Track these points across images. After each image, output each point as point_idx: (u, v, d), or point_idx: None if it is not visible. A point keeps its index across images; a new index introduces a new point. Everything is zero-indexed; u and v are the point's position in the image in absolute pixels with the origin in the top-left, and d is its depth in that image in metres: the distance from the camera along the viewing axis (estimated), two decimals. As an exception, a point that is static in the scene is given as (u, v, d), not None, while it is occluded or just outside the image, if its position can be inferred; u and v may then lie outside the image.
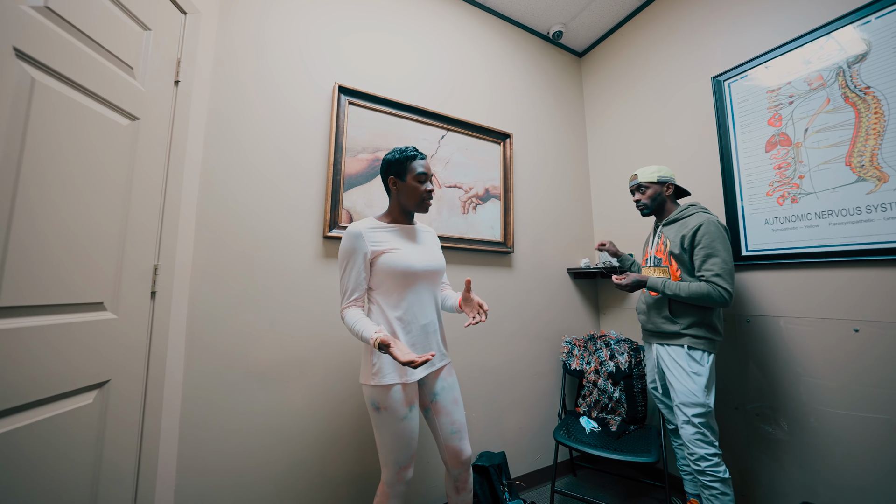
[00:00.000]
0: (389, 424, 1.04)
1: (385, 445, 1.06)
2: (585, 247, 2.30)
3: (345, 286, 1.08)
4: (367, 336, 0.97)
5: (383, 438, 1.06)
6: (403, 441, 1.05)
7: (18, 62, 0.73)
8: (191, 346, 1.21)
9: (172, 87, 1.14)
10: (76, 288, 0.84)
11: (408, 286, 1.10)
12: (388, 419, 1.04)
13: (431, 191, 1.14)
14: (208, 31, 1.32)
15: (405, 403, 1.05)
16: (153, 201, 1.06)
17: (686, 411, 1.29)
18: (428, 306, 1.15)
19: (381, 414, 1.04)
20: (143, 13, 1.03)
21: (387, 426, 1.04)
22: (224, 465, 1.22)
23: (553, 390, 2.01)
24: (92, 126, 0.88)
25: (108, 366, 0.92)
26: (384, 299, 1.10)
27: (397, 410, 1.04)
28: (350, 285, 1.07)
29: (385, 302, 1.10)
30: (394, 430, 1.04)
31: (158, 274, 1.07)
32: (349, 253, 1.07)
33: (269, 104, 1.44)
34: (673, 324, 1.37)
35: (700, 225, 1.31)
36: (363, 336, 0.98)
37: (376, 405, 1.04)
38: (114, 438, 0.93)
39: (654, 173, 1.47)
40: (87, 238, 0.87)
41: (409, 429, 1.06)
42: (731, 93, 1.66)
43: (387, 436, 1.05)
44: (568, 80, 2.45)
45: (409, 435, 1.06)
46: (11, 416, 0.72)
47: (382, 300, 1.10)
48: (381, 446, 1.07)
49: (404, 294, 1.10)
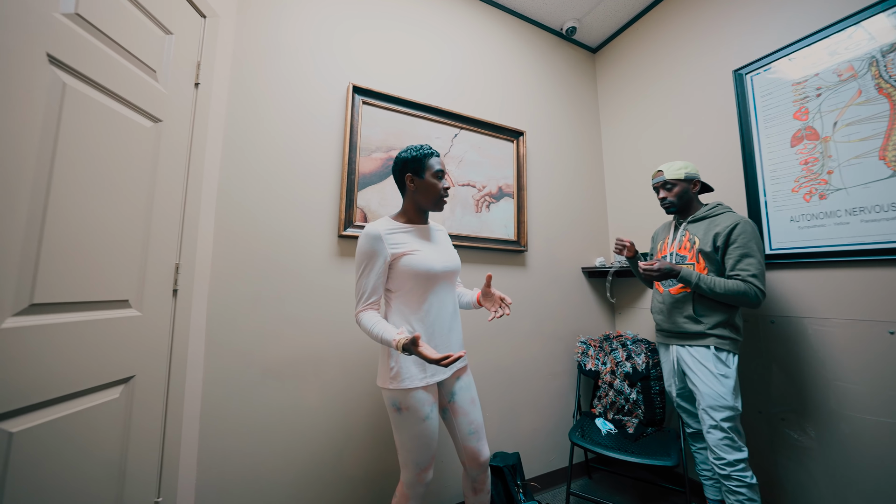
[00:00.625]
0: (410, 425, 1.03)
1: (405, 446, 1.05)
2: (600, 245, 2.27)
3: (362, 289, 1.05)
4: (389, 338, 0.96)
5: (403, 439, 1.05)
6: (424, 442, 1.04)
7: (51, 68, 0.76)
8: (210, 344, 1.23)
9: (193, 90, 1.16)
10: (103, 286, 0.87)
11: (429, 287, 1.09)
12: (409, 420, 1.03)
13: (448, 188, 1.14)
14: (226, 34, 1.34)
15: (427, 404, 1.04)
16: (175, 201, 1.09)
17: (714, 415, 1.25)
18: (448, 306, 1.14)
19: (403, 415, 1.03)
20: (165, 18, 1.05)
21: (407, 427, 1.03)
22: (243, 460, 1.24)
23: (568, 391, 1.98)
24: (118, 128, 0.90)
25: (134, 361, 0.95)
26: (404, 301, 1.09)
27: (419, 411, 1.03)
28: (367, 288, 1.05)
29: (405, 304, 1.09)
30: (414, 431, 1.03)
31: (180, 272, 1.10)
32: (368, 255, 1.05)
33: (284, 105, 1.46)
34: (697, 323, 1.33)
35: (736, 224, 1.28)
36: (384, 339, 0.97)
37: (397, 405, 1.03)
38: (139, 432, 0.95)
39: (680, 170, 1.42)
40: (113, 237, 0.89)
41: (429, 429, 1.05)
42: (753, 86, 1.61)
43: (407, 436, 1.04)
44: (582, 77, 2.41)
45: (429, 435, 1.05)
46: (43, 409, 0.74)
47: (402, 302, 1.09)
48: (401, 447, 1.06)
49: (425, 296, 1.09)
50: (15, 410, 0.69)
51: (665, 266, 1.30)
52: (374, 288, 1.05)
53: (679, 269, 1.31)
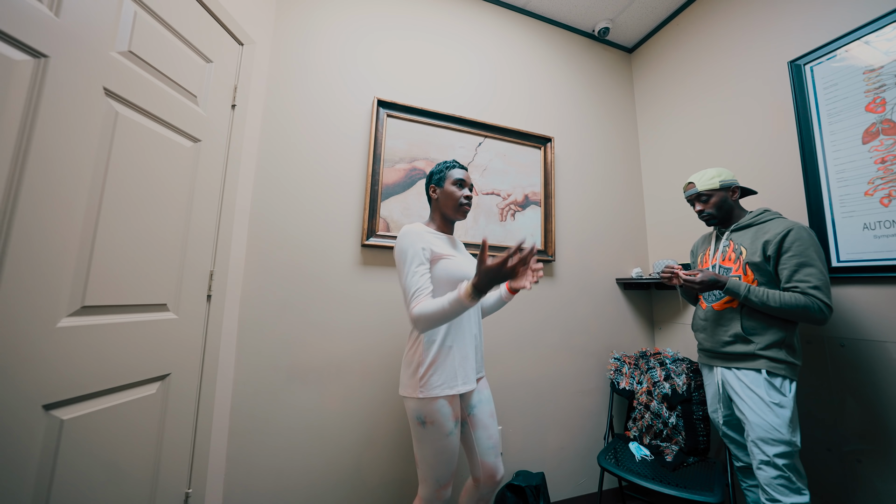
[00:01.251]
0: (434, 440, 1.00)
1: (426, 461, 1.02)
2: (638, 255, 2.12)
3: (413, 284, 0.97)
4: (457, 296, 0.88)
5: (424, 454, 1.02)
6: (446, 458, 1.02)
7: (107, 99, 0.86)
8: (241, 346, 1.32)
9: (230, 111, 1.27)
10: (145, 290, 0.96)
11: None
12: (432, 435, 1.00)
13: (469, 197, 1.16)
14: (262, 58, 1.45)
15: (451, 418, 1.02)
16: (211, 213, 1.19)
17: (766, 450, 1.10)
18: (475, 317, 1.15)
19: (427, 429, 1.00)
20: (206, 48, 1.17)
21: (431, 442, 1.00)
22: (267, 458, 1.30)
23: (599, 410, 1.86)
24: (161, 148, 1.01)
25: (170, 361, 1.03)
26: None
27: (443, 426, 1.00)
28: (418, 282, 0.97)
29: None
30: (437, 447, 1.00)
31: (214, 279, 1.19)
32: (413, 250, 1.01)
33: (312, 121, 1.54)
34: (745, 343, 1.19)
35: (788, 230, 1.14)
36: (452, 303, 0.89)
37: (422, 419, 1.00)
38: (173, 426, 1.04)
39: (713, 179, 1.30)
40: (155, 247, 0.99)
41: (452, 445, 1.02)
42: (814, 77, 1.43)
43: (429, 451, 1.01)
44: (616, 79, 2.30)
45: (452, 451, 1.02)
46: (90, 400, 0.83)
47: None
48: (422, 462, 1.03)
49: None
50: (66, 400, 0.77)
51: (709, 276, 1.18)
52: (424, 282, 0.98)
53: (724, 279, 1.19)
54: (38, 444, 0.73)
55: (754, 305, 1.15)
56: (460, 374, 1.05)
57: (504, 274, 0.86)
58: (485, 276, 0.87)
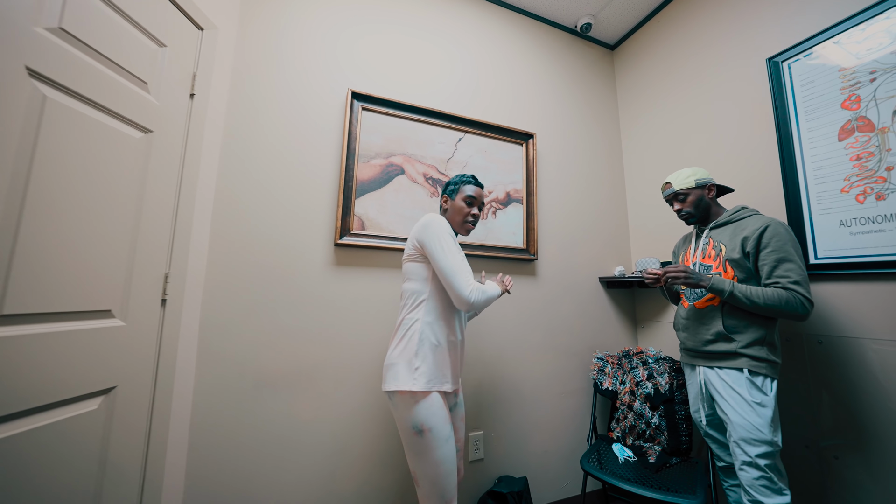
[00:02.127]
0: (434, 449, 0.92)
1: (427, 476, 0.93)
2: (621, 254, 2.11)
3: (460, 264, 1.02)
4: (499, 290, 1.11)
5: (426, 468, 0.93)
6: (448, 468, 0.94)
7: (31, 80, 0.77)
8: (202, 354, 1.22)
9: (188, 100, 1.17)
10: (83, 296, 0.86)
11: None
12: (431, 443, 0.92)
13: (476, 216, 1.17)
14: (226, 45, 1.36)
15: (448, 421, 0.97)
16: (165, 211, 1.09)
17: (748, 450, 1.08)
18: (464, 319, 1.17)
19: (425, 438, 0.93)
20: (159, 31, 1.07)
21: (431, 451, 0.92)
22: (234, 474, 1.21)
23: (583, 411, 1.83)
24: (103, 138, 0.91)
25: (115, 372, 0.94)
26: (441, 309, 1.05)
27: (442, 430, 0.94)
28: (464, 264, 1.04)
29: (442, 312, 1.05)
30: (438, 455, 0.93)
31: (169, 282, 1.09)
32: (448, 233, 1.06)
33: (283, 112, 1.45)
34: (727, 341, 1.17)
35: (766, 226, 1.13)
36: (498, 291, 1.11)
37: (419, 427, 0.93)
38: (119, 444, 0.94)
39: (689, 177, 1.29)
40: (96, 247, 0.89)
41: (452, 452, 0.96)
42: (791, 75, 1.43)
43: (430, 463, 0.93)
44: (598, 75, 2.28)
45: (452, 459, 0.96)
46: (15, 420, 0.73)
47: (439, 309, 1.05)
48: (423, 478, 0.94)
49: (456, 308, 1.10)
50: (-19, 423, 0.68)
51: (690, 272, 1.17)
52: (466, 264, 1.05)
53: (708, 276, 1.17)
54: (-57, 475, 0.63)
55: (739, 303, 1.13)
56: (450, 372, 1.03)
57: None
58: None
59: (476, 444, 1.57)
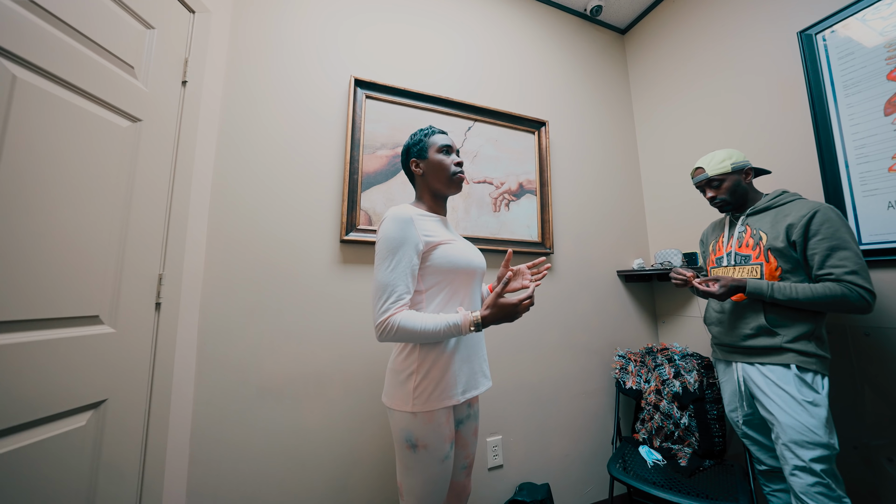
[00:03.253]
0: (426, 467, 0.84)
1: (413, 492, 0.86)
2: (638, 245, 2.01)
3: (390, 285, 0.81)
4: (458, 321, 0.81)
5: (413, 483, 0.86)
6: (438, 487, 0.86)
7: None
8: (202, 360, 1.14)
9: (180, 88, 1.09)
10: (66, 301, 0.78)
11: (468, 287, 0.93)
12: (424, 460, 0.84)
13: (461, 163, 0.98)
14: (221, 30, 1.27)
15: (448, 440, 0.86)
16: (157, 206, 1.00)
17: (801, 454, 0.99)
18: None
19: (418, 454, 0.84)
20: (145, 11, 0.98)
21: (422, 469, 0.84)
22: (237, 488, 1.13)
23: (605, 412, 1.74)
24: (84, 127, 0.82)
25: (105, 384, 0.85)
26: (436, 304, 0.88)
27: (438, 449, 0.84)
28: (399, 284, 0.81)
29: (437, 308, 0.89)
30: (429, 475, 0.85)
31: (163, 284, 1.00)
32: (399, 243, 0.83)
33: (284, 101, 1.36)
34: (770, 335, 1.08)
35: (814, 211, 1.03)
36: (449, 326, 0.80)
37: (413, 442, 0.84)
38: (111, 463, 0.85)
39: (724, 162, 1.19)
40: (79, 247, 0.81)
41: (446, 472, 0.87)
42: (827, 48, 1.33)
43: (418, 481, 0.85)
44: (610, 60, 2.19)
45: (444, 479, 0.87)
46: (-10, 442, 0.65)
47: (433, 305, 0.89)
48: (408, 492, 0.87)
49: (463, 297, 0.92)
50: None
51: (728, 284, 1.07)
52: (406, 284, 0.83)
53: (742, 281, 1.08)
54: None
55: (783, 304, 1.04)
56: (461, 379, 0.89)
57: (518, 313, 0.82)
58: (500, 313, 0.82)
59: (495, 450, 1.48)
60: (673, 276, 1.21)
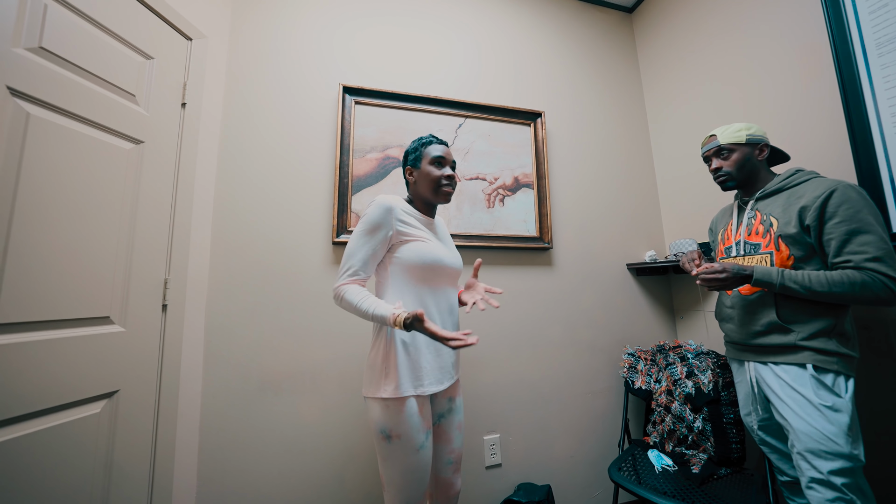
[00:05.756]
0: (402, 457, 0.87)
1: (393, 483, 0.89)
2: (651, 236, 1.89)
3: (351, 260, 0.91)
4: (384, 313, 0.84)
5: (392, 474, 0.89)
6: (417, 476, 0.89)
7: (13, 100, 0.80)
8: (209, 357, 1.25)
9: (179, 110, 1.20)
10: (80, 303, 0.90)
11: (435, 284, 0.97)
12: (400, 451, 0.87)
13: (451, 177, 1.01)
14: (219, 52, 1.38)
15: (422, 430, 0.89)
16: (161, 218, 1.12)
17: (818, 464, 0.88)
18: (448, 311, 1.01)
19: (393, 444, 0.87)
20: (144, 44, 1.10)
21: (398, 459, 0.87)
22: (243, 476, 1.23)
23: (613, 413, 1.66)
24: (91, 151, 0.94)
25: (117, 376, 0.97)
26: (400, 297, 0.93)
27: (412, 439, 0.87)
28: (358, 261, 0.91)
29: (409, 306, 0.93)
30: (406, 465, 0.88)
31: (169, 287, 1.12)
32: (372, 226, 0.92)
33: (279, 113, 1.45)
34: (783, 332, 0.97)
35: (831, 191, 0.91)
36: (376, 314, 0.84)
37: (387, 433, 0.87)
38: (125, 446, 0.97)
39: (740, 132, 1.07)
40: (91, 257, 0.92)
41: (423, 461, 0.89)
42: (854, 1, 1.17)
43: (397, 471, 0.88)
44: (615, 43, 2.07)
45: (423, 469, 0.89)
46: (18, 423, 0.77)
47: (390, 294, 0.94)
48: (389, 483, 0.90)
49: (427, 294, 0.96)
50: (-20, 426, 0.72)
51: (733, 267, 0.96)
52: (365, 262, 0.91)
53: (750, 268, 0.96)
54: (-55, 476, 0.67)
55: (795, 293, 0.93)
56: (430, 373, 0.92)
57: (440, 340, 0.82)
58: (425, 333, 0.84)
59: (492, 448, 1.47)
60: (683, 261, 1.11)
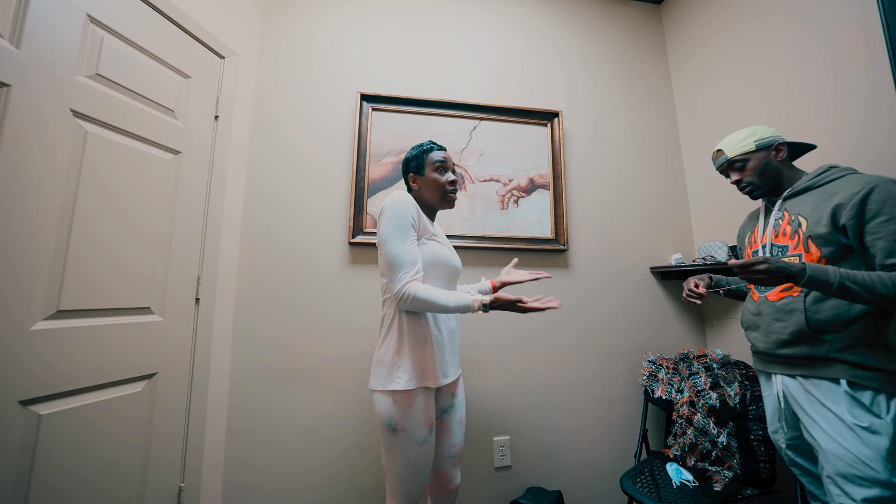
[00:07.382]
0: (405, 450, 0.91)
1: (395, 474, 0.93)
2: (679, 238, 1.78)
3: (407, 255, 0.89)
4: (465, 302, 0.90)
5: (394, 466, 0.93)
6: (419, 469, 0.93)
7: (75, 120, 0.94)
8: (236, 347, 1.37)
9: (212, 122, 1.33)
10: (125, 294, 1.03)
11: (443, 283, 1.01)
12: (404, 443, 0.91)
13: (455, 181, 1.06)
14: (248, 68, 1.50)
15: (426, 424, 0.93)
16: (196, 220, 1.24)
17: (850, 490, 0.81)
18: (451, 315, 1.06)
19: (398, 437, 0.91)
20: (182, 64, 1.23)
21: (401, 452, 0.92)
22: (264, 458, 1.33)
23: (632, 422, 1.59)
24: (137, 161, 1.07)
25: (156, 361, 1.10)
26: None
27: (416, 433, 0.91)
28: (414, 256, 0.90)
29: None
30: (409, 457, 0.92)
31: (201, 283, 1.24)
32: (407, 221, 0.92)
33: (302, 123, 1.56)
34: (814, 344, 0.90)
35: (871, 187, 0.83)
36: (459, 304, 0.89)
37: (393, 426, 0.91)
38: (162, 423, 1.10)
39: (746, 140, 1.02)
40: (135, 254, 1.06)
41: (425, 455, 0.93)
42: (910, -23, 1.04)
43: (399, 463, 0.92)
44: (640, 36, 1.98)
45: (425, 462, 0.93)
46: (72, 396, 0.90)
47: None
48: (391, 474, 0.94)
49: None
50: (43, 397, 0.85)
51: (776, 260, 0.80)
52: (416, 256, 0.91)
53: (798, 266, 0.80)
54: (16, 437, 0.80)
55: (855, 298, 0.79)
56: (438, 367, 0.96)
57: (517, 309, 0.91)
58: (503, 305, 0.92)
59: (502, 450, 1.47)
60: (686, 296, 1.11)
